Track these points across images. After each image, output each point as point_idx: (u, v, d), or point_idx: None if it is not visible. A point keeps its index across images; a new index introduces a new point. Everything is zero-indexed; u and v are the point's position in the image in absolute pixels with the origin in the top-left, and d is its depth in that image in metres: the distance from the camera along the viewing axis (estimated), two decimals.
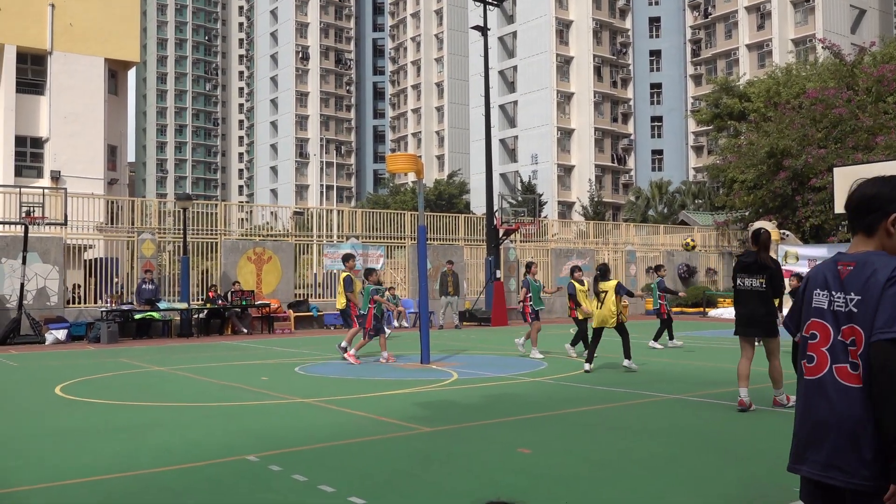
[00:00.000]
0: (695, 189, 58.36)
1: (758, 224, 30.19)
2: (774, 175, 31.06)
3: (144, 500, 5.06)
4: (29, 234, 19.23)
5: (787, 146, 30.49)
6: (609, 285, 11.86)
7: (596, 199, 62.68)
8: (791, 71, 36.88)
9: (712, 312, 29.14)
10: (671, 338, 16.30)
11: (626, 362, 11.82)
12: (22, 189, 19.45)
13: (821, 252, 25.10)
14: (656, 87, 72.96)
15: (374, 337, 13.29)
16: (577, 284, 12.91)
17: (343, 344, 13.76)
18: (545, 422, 7.74)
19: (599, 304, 11.80)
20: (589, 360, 11.64)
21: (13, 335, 18.50)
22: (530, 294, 14.48)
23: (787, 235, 29.46)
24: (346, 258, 14.70)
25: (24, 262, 19.06)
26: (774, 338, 8.37)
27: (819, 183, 29.08)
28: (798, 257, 25.71)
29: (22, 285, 18.93)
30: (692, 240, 17.07)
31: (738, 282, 8.39)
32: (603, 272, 12.10)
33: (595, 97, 69.29)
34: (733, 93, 39.19)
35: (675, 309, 31.14)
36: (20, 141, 30.52)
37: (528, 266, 14.84)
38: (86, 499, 5.09)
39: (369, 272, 13.53)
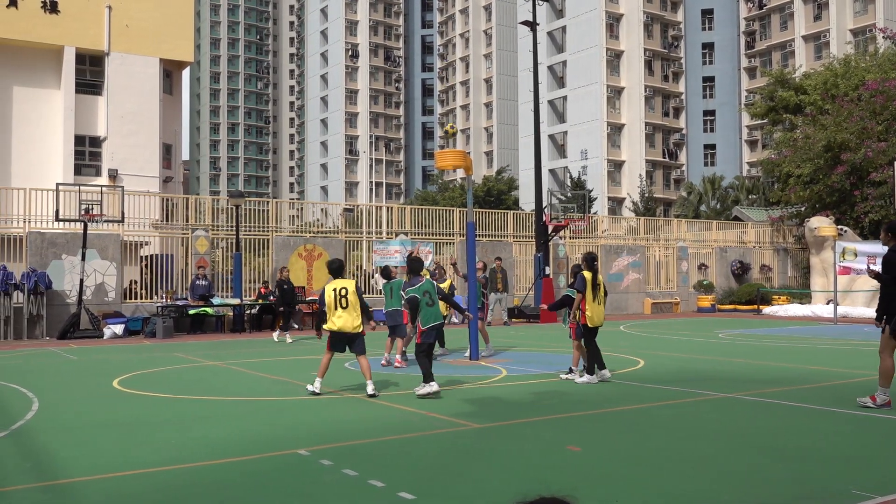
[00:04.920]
0: (749, 184, 57.26)
1: (816, 220, 29.51)
2: (832, 169, 30.29)
3: (197, 492, 5.15)
4: (88, 232, 19.75)
5: (845, 139, 29.71)
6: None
7: (647, 195, 61.93)
8: (849, 62, 35.89)
9: (766, 310, 28.55)
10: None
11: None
12: (81, 187, 19.96)
13: (881, 248, 24.44)
14: (709, 81, 71.71)
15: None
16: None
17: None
18: (594, 420, 7.68)
19: (595, 299, 10.21)
20: (602, 366, 10.37)
21: (73, 330, 19.03)
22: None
23: (845, 231, 28.74)
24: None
25: (83, 259, 19.57)
26: None
27: (879, 177, 28.28)
28: (857, 254, 25.07)
29: (81, 281, 19.44)
30: (452, 126, 14.14)
31: None
32: (590, 261, 10.38)
33: (646, 92, 68.40)
34: (789, 85, 38.29)
35: (728, 306, 30.76)
36: (79, 140, 31.32)
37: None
38: (140, 490, 5.20)
39: (386, 272, 12.70)
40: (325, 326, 9.07)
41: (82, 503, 4.96)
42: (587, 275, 10.20)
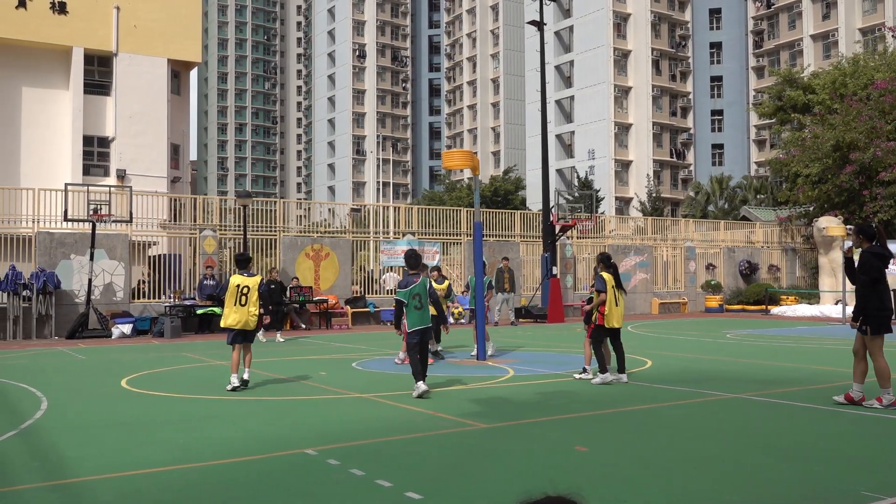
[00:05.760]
0: (757, 184, 57.07)
1: (824, 220, 29.39)
2: (840, 169, 30.17)
3: (205, 491, 5.16)
4: (96, 232, 19.81)
5: (853, 139, 29.58)
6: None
7: (654, 195, 61.80)
8: (858, 61, 35.75)
9: (775, 310, 28.45)
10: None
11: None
12: (90, 188, 20.03)
13: (891, 248, 24.30)
14: (717, 80, 71.50)
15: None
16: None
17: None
18: (602, 420, 7.66)
19: (616, 301, 10.32)
20: (621, 370, 10.37)
21: (81, 329, 19.09)
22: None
23: None
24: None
25: (91, 259, 19.64)
26: None
27: (888, 177, 28.16)
28: None
29: (90, 281, 19.51)
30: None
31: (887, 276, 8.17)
32: (607, 261, 10.48)
33: (653, 91, 68.24)
34: (797, 85, 38.17)
35: (736, 306, 30.67)
36: (88, 140, 31.44)
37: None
38: (148, 489, 5.22)
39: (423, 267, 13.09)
40: (221, 323, 10.06)
41: (91, 502, 4.97)
42: (607, 276, 10.23)
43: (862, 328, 8.15)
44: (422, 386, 9.04)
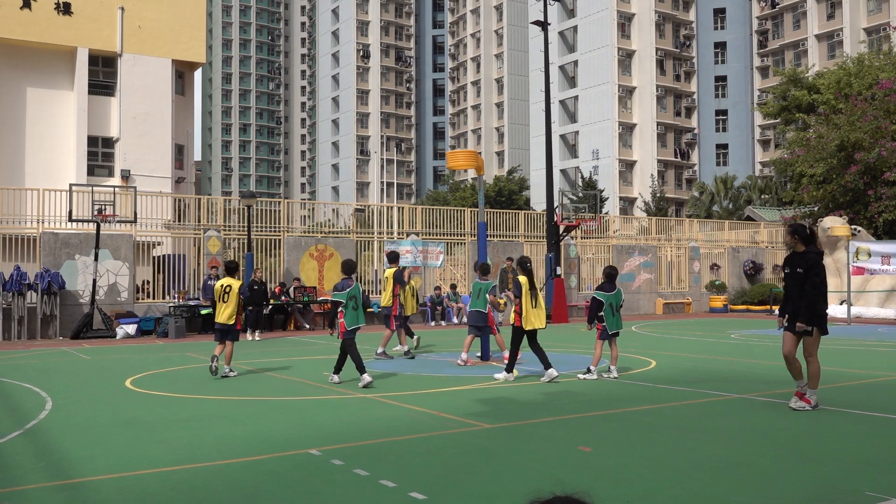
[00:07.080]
0: (761, 184, 57.02)
1: (829, 220, 29.34)
2: (845, 169, 30.09)
3: (211, 491, 5.17)
4: (101, 232, 19.86)
5: (858, 139, 29.51)
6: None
7: (658, 195, 61.74)
8: (863, 61, 35.67)
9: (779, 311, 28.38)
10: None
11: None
12: (94, 188, 20.06)
13: (895, 248, 24.25)
14: (721, 80, 71.42)
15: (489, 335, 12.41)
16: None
17: (379, 350, 13.61)
18: (606, 420, 7.66)
19: (535, 303, 10.36)
20: (509, 370, 10.58)
21: (86, 329, 19.13)
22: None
23: (859, 231, 28.56)
24: (394, 257, 14.50)
25: (96, 259, 19.69)
26: None
27: (893, 177, 28.08)
28: (870, 254, 24.90)
29: (94, 281, 19.55)
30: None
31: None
32: (523, 265, 10.48)
33: (657, 91, 68.19)
34: (802, 84, 38.12)
35: (740, 306, 30.62)
36: (92, 141, 31.51)
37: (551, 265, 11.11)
38: (155, 489, 5.23)
39: (486, 269, 12.36)
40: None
41: (97, 502, 4.98)
42: (523, 279, 10.29)
43: (809, 330, 8.02)
44: (367, 377, 9.82)
